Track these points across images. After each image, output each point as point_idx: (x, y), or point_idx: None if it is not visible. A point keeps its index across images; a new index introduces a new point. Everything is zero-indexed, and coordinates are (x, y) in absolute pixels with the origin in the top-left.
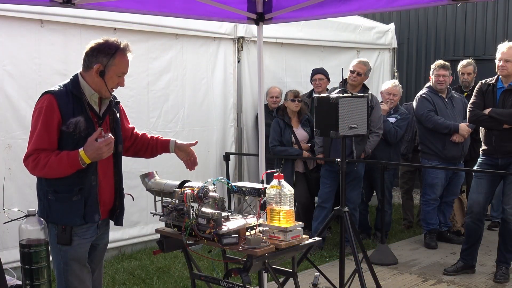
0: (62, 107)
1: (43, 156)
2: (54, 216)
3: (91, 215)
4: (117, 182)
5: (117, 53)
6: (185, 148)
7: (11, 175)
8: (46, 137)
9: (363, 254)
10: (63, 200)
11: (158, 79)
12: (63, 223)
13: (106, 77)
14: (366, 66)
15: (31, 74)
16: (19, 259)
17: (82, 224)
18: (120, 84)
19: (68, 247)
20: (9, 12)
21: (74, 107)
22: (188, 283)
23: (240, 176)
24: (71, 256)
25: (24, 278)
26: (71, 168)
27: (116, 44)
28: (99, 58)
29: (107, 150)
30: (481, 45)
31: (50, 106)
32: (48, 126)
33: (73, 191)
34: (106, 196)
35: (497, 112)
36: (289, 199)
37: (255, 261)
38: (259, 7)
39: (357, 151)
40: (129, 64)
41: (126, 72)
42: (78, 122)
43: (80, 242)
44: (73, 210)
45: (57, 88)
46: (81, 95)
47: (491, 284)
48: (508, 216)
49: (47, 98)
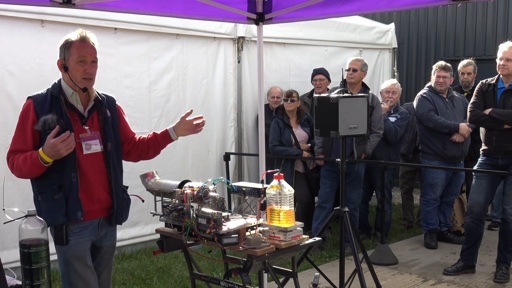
0: (38, 108)
1: (16, 157)
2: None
3: (73, 212)
4: (112, 181)
5: (70, 43)
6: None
7: (11, 175)
8: (20, 138)
9: (363, 254)
10: (47, 200)
11: (160, 79)
12: (52, 223)
13: (69, 70)
14: (360, 62)
15: (33, 74)
16: (19, 259)
17: (65, 222)
18: (87, 70)
19: (66, 247)
20: (9, 12)
21: (52, 107)
22: (188, 283)
23: (240, 176)
24: (70, 256)
25: (24, 278)
26: (35, 167)
27: (69, 36)
28: (60, 54)
29: (64, 147)
30: (481, 45)
31: (26, 109)
32: (23, 127)
33: (53, 190)
34: (99, 194)
35: (497, 112)
36: (289, 199)
37: (255, 261)
38: (259, 7)
39: (358, 151)
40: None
41: (87, 56)
42: (47, 120)
43: (78, 241)
44: (55, 208)
45: (39, 92)
46: (59, 95)
47: (491, 284)
48: (508, 216)
49: (26, 103)
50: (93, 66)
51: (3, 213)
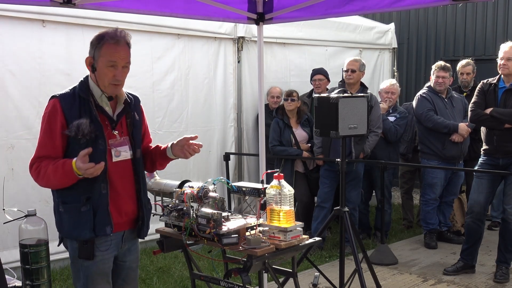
0: (66, 110)
1: (44, 164)
2: (65, 230)
3: (101, 227)
4: (139, 190)
5: (103, 42)
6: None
7: (13, 175)
8: (48, 143)
9: (363, 254)
10: (71, 211)
11: (163, 79)
12: (74, 236)
13: (97, 71)
14: (358, 62)
15: (34, 73)
16: (19, 259)
17: (92, 237)
18: (117, 77)
19: (91, 263)
20: (10, 12)
21: (80, 109)
22: (188, 283)
23: (240, 176)
24: (94, 272)
25: (24, 278)
26: (67, 178)
27: (103, 33)
28: (90, 51)
29: (88, 173)
30: (481, 45)
31: (53, 110)
32: (51, 132)
33: (80, 201)
34: (126, 205)
35: (498, 112)
36: (289, 199)
37: (255, 261)
38: (259, 7)
39: (356, 150)
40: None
41: (118, 61)
42: (80, 125)
43: (104, 257)
44: (81, 222)
45: (64, 91)
46: (88, 97)
47: (491, 284)
48: (508, 216)
49: (51, 103)
50: (124, 72)
51: (3, 213)
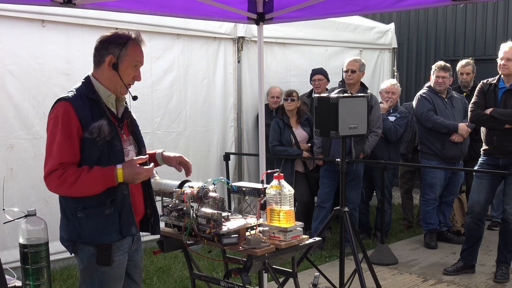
0: (79, 113)
1: (70, 172)
2: (88, 236)
3: (127, 228)
4: (146, 188)
5: (129, 42)
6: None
7: (13, 175)
8: (68, 148)
9: (363, 254)
10: (95, 216)
11: (162, 79)
12: (99, 241)
13: (120, 70)
14: (358, 62)
15: (34, 73)
16: (19, 259)
17: (119, 239)
18: (136, 78)
19: (108, 268)
20: (10, 12)
21: (92, 111)
22: (188, 283)
23: (240, 176)
24: (111, 277)
25: (24, 278)
26: (104, 186)
27: (127, 34)
28: (110, 49)
29: (143, 178)
30: (481, 45)
31: (66, 113)
32: (69, 136)
33: (104, 204)
34: (139, 205)
35: (498, 112)
36: (289, 199)
37: (255, 261)
38: (259, 7)
39: (356, 150)
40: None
41: (142, 63)
42: (102, 126)
43: (121, 261)
44: (108, 225)
45: (71, 94)
46: (98, 98)
47: (491, 284)
48: (508, 216)
49: (62, 106)
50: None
51: (3, 213)
